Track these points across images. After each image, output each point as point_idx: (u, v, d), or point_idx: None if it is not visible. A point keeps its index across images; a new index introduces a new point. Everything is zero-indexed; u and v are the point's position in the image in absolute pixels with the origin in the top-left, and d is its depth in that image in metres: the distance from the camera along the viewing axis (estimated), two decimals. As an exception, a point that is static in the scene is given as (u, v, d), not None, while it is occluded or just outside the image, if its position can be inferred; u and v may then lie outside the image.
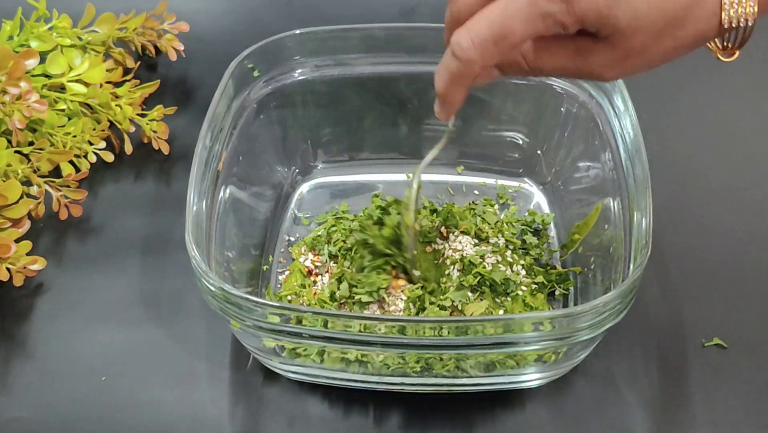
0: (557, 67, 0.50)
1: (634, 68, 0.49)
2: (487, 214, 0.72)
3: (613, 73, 0.49)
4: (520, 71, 0.51)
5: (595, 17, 0.46)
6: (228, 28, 0.90)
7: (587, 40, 0.48)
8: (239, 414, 0.63)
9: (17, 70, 0.69)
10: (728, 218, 0.74)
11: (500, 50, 0.48)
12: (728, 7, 0.46)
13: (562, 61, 0.50)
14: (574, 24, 0.47)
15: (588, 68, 0.49)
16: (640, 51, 0.48)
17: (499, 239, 0.69)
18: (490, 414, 0.62)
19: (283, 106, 0.74)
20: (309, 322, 0.55)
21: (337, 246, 0.69)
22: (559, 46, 0.50)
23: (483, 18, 0.48)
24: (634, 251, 0.58)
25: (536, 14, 0.46)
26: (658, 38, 0.47)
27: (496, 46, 0.48)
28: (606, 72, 0.49)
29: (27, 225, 0.69)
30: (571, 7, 0.46)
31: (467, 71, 0.49)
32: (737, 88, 0.85)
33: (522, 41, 0.48)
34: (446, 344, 0.55)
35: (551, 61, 0.50)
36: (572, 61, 0.49)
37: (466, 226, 0.69)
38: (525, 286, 0.66)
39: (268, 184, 0.74)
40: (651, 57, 0.48)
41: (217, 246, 0.63)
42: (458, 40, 0.48)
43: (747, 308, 0.68)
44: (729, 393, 0.63)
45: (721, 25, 0.47)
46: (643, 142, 0.63)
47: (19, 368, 0.65)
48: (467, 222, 0.69)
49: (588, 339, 0.56)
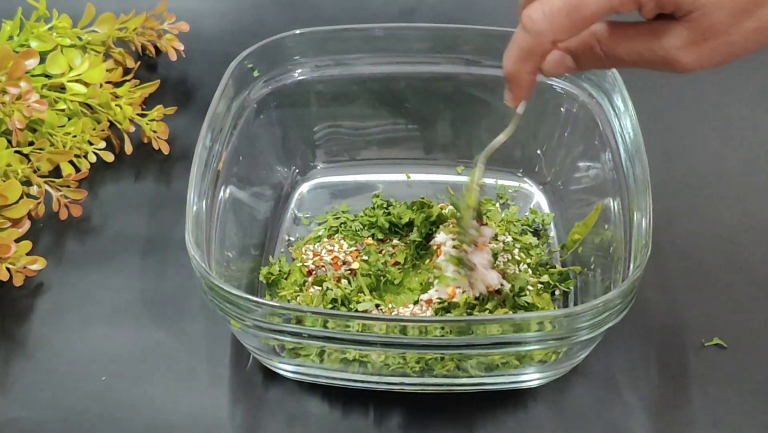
0: (632, 51, 0.48)
1: (713, 53, 0.46)
2: (491, 213, 0.72)
3: (691, 57, 0.46)
4: (595, 59, 0.49)
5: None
6: (228, 28, 0.90)
7: (664, 22, 0.46)
8: (239, 414, 0.63)
9: (17, 70, 0.69)
10: (728, 217, 0.74)
11: (572, 23, 0.46)
12: None
13: (637, 45, 0.47)
14: (650, 1, 0.45)
15: (664, 52, 0.47)
16: (720, 31, 0.45)
17: (507, 237, 0.70)
18: (490, 414, 0.62)
19: (283, 106, 0.74)
20: (309, 322, 0.55)
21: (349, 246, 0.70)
22: (634, 30, 0.48)
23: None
24: (634, 251, 0.58)
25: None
26: (740, 17, 0.45)
27: (569, 18, 0.46)
28: (684, 56, 0.46)
29: (27, 225, 0.69)
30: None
31: (538, 45, 0.47)
32: (737, 88, 0.85)
33: (595, 16, 0.46)
34: (447, 344, 0.55)
35: (626, 45, 0.48)
36: (648, 44, 0.47)
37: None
38: (531, 286, 0.67)
39: (268, 184, 0.74)
40: (732, 40, 0.46)
41: (217, 246, 0.63)
42: (529, 12, 0.47)
43: (747, 308, 0.68)
44: (729, 393, 0.63)
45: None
46: (643, 142, 0.63)
47: (19, 368, 0.65)
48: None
49: (588, 339, 0.56)
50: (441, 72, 0.74)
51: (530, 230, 0.73)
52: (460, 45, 0.73)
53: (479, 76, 0.74)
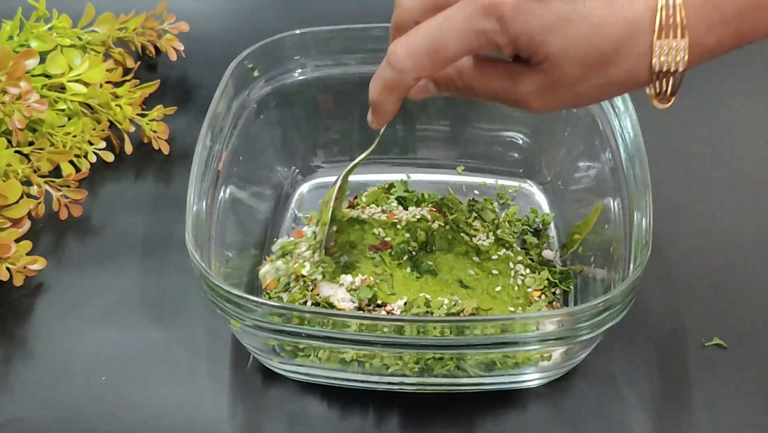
0: (488, 88, 0.50)
1: (562, 101, 0.49)
2: (483, 213, 0.72)
3: (539, 103, 0.49)
4: (454, 89, 0.52)
5: (527, 40, 0.46)
6: (228, 28, 0.90)
7: (520, 66, 0.49)
8: (239, 414, 0.63)
9: (17, 70, 0.69)
10: (728, 217, 0.74)
11: (434, 63, 0.48)
12: (658, 52, 0.46)
13: (492, 84, 0.50)
14: (507, 45, 0.47)
15: (516, 94, 0.49)
16: (569, 83, 0.48)
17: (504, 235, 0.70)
18: (490, 414, 0.62)
19: (283, 106, 0.74)
20: (309, 322, 0.55)
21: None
22: (493, 68, 0.50)
23: (420, 29, 0.48)
24: (634, 251, 0.58)
25: (471, 30, 0.47)
26: (589, 72, 0.47)
27: (430, 59, 0.48)
28: (533, 101, 0.49)
29: (27, 225, 0.69)
30: (505, 27, 0.46)
31: (400, 81, 0.50)
32: (738, 88, 0.85)
33: (455, 57, 0.48)
34: (446, 344, 0.55)
35: (483, 82, 0.50)
36: (502, 84, 0.50)
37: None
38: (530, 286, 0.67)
39: (268, 184, 0.74)
40: (580, 91, 0.48)
41: (217, 246, 0.63)
42: (395, 49, 0.49)
43: (747, 308, 0.68)
44: (729, 393, 0.63)
45: (651, 68, 0.47)
46: (643, 142, 0.63)
47: (19, 368, 0.65)
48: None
49: (588, 339, 0.56)
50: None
51: (530, 230, 0.73)
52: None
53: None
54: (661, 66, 0.46)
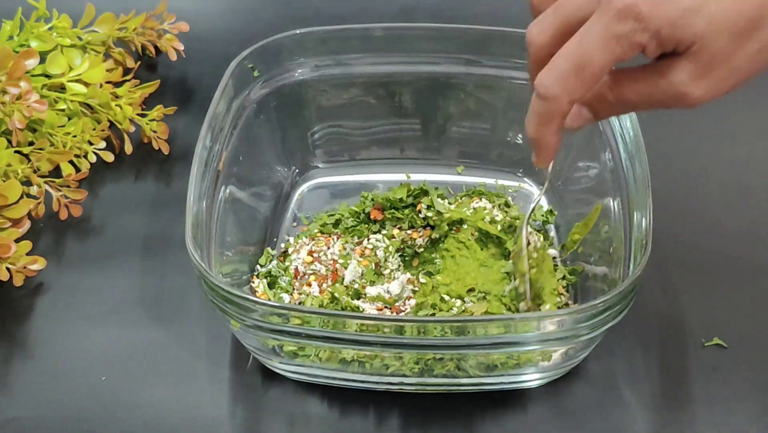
0: (642, 93, 0.49)
1: (720, 81, 0.47)
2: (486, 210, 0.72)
3: (700, 90, 0.47)
4: (609, 106, 0.50)
5: (670, 28, 0.45)
6: (228, 28, 0.90)
7: (668, 59, 0.47)
8: (239, 414, 0.63)
9: (17, 70, 0.69)
10: (728, 217, 0.74)
11: (583, 82, 0.47)
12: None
13: (646, 87, 0.48)
14: (650, 41, 0.46)
15: (673, 89, 0.47)
16: (723, 58, 0.46)
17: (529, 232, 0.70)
18: (490, 414, 0.62)
19: (283, 106, 0.74)
20: (309, 322, 0.55)
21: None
22: (641, 73, 0.49)
23: (561, 54, 0.48)
24: (634, 251, 0.58)
25: (612, 38, 0.46)
26: (740, 41, 0.46)
27: (579, 78, 0.47)
28: (693, 89, 0.47)
29: (27, 225, 0.69)
30: (644, 24, 0.45)
31: (554, 109, 0.49)
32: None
33: (603, 69, 0.47)
34: (446, 344, 0.55)
35: (635, 89, 0.49)
36: (656, 83, 0.48)
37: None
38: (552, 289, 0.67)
39: (268, 184, 0.74)
40: (737, 65, 0.47)
41: (217, 246, 0.63)
42: (541, 80, 0.48)
43: (747, 308, 0.68)
44: (729, 393, 0.63)
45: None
46: (643, 142, 0.63)
47: (19, 368, 0.65)
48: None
49: (588, 339, 0.56)
50: (441, 72, 0.74)
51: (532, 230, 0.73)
52: (460, 45, 0.73)
53: (479, 76, 0.74)
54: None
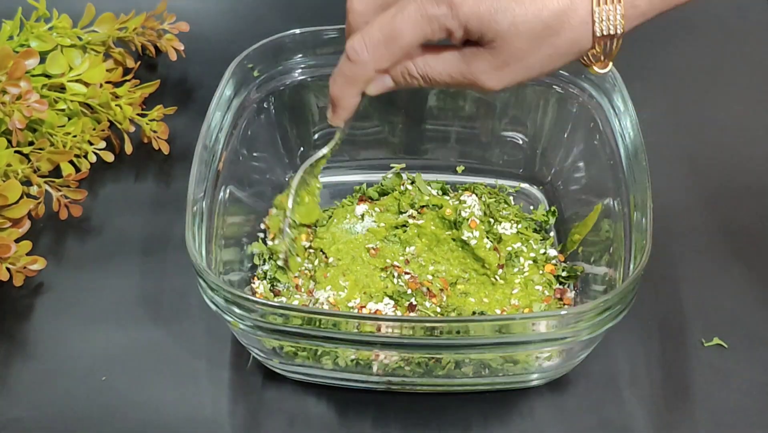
0: (444, 72, 0.53)
1: (514, 75, 0.52)
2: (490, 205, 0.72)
3: (494, 81, 0.53)
4: (411, 78, 0.54)
5: (477, 21, 0.50)
6: (228, 28, 0.90)
7: (472, 48, 0.52)
8: (239, 414, 0.63)
9: (17, 70, 0.69)
10: (728, 217, 0.74)
11: (391, 53, 0.52)
12: (598, 18, 0.50)
13: (448, 67, 0.53)
14: (458, 29, 0.51)
15: (471, 75, 0.53)
16: (519, 57, 0.51)
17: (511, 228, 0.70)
18: (490, 414, 0.62)
19: (283, 106, 0.73)
20: (309, 322, 0.55)
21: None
22: (447, 54, 0.53)
23: (375, 23, 0.52)
24: (634, 251, 0.58)
25: (423, 17, 0.51)
26: (536, 44, 0.51)
27: (387, 49, 0.52)
28: (488, 79, 0.53)
29: (27, 225, 0.69)
30: (455, 11, 0.50)
31: (360, 73, 0.54)
32: (737, 87, 0.85)
33: (410, 45, 0.52)
34: (446, 345, 0.55)
35: (438, 67, 0.53)
36: (457, 67, 0.53)
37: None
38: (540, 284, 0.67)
39: (268, 184, 0.74)
40: (530, 64, 0.52)
41: (217, 246, 0.63)
42: (352, 44, 0.53)
43: (747, 308, 0.68)
44: (729, 393, 0.63)
45: (594, 34, 0.51)
46: (643, 142, 0.63)
47: (19, 368, 0.65)
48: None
49: (588, 339, 0.56)
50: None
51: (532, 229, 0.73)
52: (460, 45, 0.73)
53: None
54: (602, 30, 0.50)
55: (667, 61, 0.86)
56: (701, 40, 0.88)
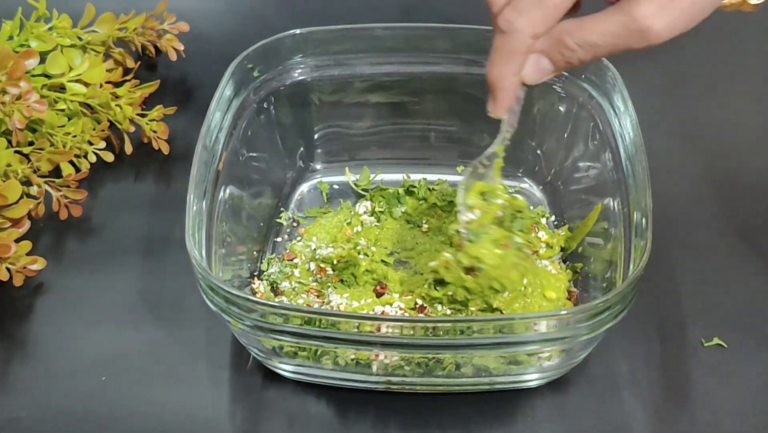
0: (606, 33, 0.49)
1: (681, 14, 0.48)
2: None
3: (661, 22, 0.48)
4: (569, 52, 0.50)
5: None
6: (228, 28, 0.90)
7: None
8: (239, 414, 0.63)
9: (17, 70, 0.69)
10: (728, 217, 0.74)
11: (545, 13, 0.49)
12: None
13: (609, 25, 0.49)
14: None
15: (637, 23, 0.48)
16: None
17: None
18: (490, 414, 0.62)
19: (283, 106, 0.74)
20: (309, 322, 0.55)
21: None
22: (604, 12, 0.49)
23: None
24: (633, 251, 0.58)
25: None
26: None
27: (540, 8, 0.49)
28: (655, 22, 0.48)
29: (27, 225, 0.69)
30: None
31: (518, 44, 0.50)
32: (738, 87, 0.85)
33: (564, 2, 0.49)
34: (446, 344, 0.55)
35: (597, 28, 0.49)
36: (618, 21, 0.49)
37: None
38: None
39: (268, 184, 0.74)
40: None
41: (217, 246, 0.63)
42: (504, 16, 0.50)
43: (747, 308, 0.68)
44: (729, 393, 0.63)
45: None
46: (643, 142, 0.63)
47: (19, 368, 0.65)
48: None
49: (588, 339, 0.56)
50: (441, 72, 0.74)
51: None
52: (460, 45, 0.73)
53: (479, 76, 0.73)
54: None
55: (667, 61, 0.86)
56: (701, 41, 0.88)
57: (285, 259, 0.70)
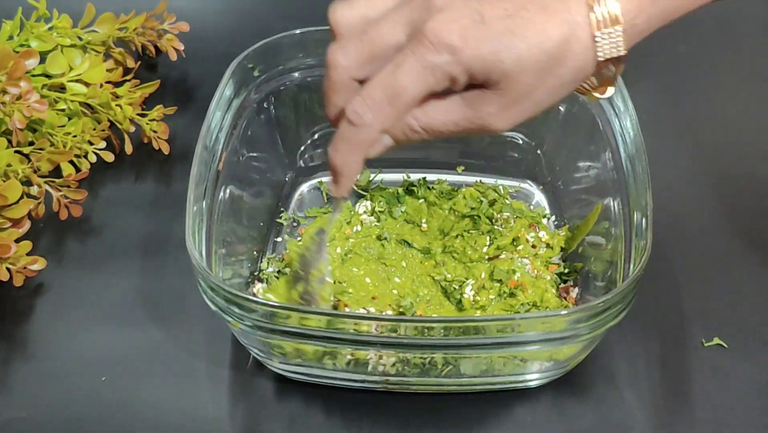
0: (448, 121, 0.50)
1: (523, 112, 0.50)
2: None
3: (503, 121, 0.50)
4: (413, 133, 0.51)
5: (481, 64, 0.48)
6: (228, 28, 0.90)
7: (476, 91, 0.49)
8: (239, 414, 0.63)
9: (17, 70, 0.69)
10: (728, 217, 0.74)
11: (396, 110, 0.49)
12: (600, 42, 0.48)
13: (453, 116, 0.50)
14: (462, 74, 0.48)
15: (479, 119, 0.50)
16: (527, 93, 0.49)
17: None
18: (490, 414, 0.62)
19: (284, 106, 0.74)
20: (309, 322, 0.55)
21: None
22: (449, 101, 0.50)
23: (374, 83, 0.49)
24: (634, 250, 0.58)
25: (426, 69, 0.48)
26: (542, 77, 0.49)
27: (392, 106, 0.49)
28: (497, 121, 0.50)
29: (27, 225, 0.69)
30: (457, 57, 0.47)
31: (365, 137, 0.50)
32: (738, 87, 0.85)
33: (415, 99, 0.49)
34: (446, 344, 0.55)
35: (441, 117, 0.50)
36: (463, 113, 0.50)
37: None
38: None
39: (268, 184, 0.74)
40: (538, 98, 0.50)
41: (217, 246, 0.63)
42: (354, 107, 0.50)
43: (747, 308, 0.68)
44: (729, 393, 0.63)
45: (596, 59, 0.49)
46: (643, 142, 0.63)
47: (19, 368, 0.65)
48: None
49: (588, 339, 0.56)
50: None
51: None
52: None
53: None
54: (605, 54, 0.49)
55: (667, 61, 0.86)
56: (701, 40, 0.88)
57: (285, 259, 0.70)
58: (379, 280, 0.68)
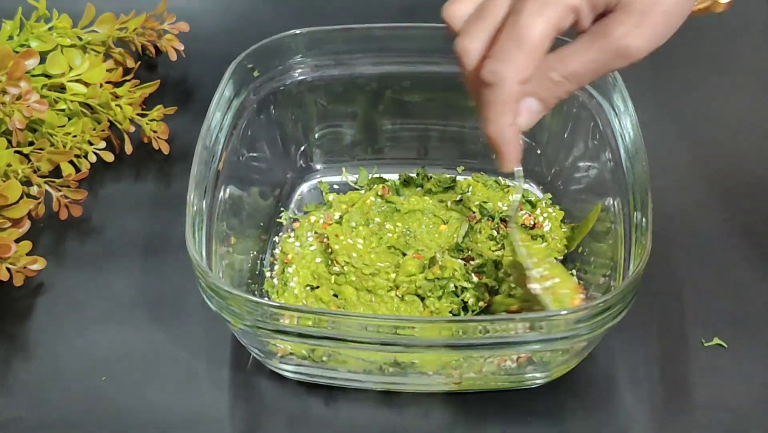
0: (587, 60, 0.50)
1: (656, 26, 0.49)
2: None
3: (639, 38, 0.49)
4: (555, 87, 0.50)
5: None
6: (228, 28, 0.90)
7: (603, 19, 0.49)
8: (239, 414, 0.63)
9: (17, 70, 0.69)
10: (728, 217, 0.74)
11: (528, 55, 0.48)
12: None
13: (590, 52, 0.49)
14: (584, 3, 0.48)
15: (615, 44, 0.49)
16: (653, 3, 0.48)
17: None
18: (491, 414, 0.62)
19: (283, 106, 0.74)
20: (308, 322, 0.55)
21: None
22: (581, 41, 0.50)
23: (500, 38, 0.49)
24: (634, 251, 0.58)
25: (543, 5, 0.48)
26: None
27: (522, 52, 0.48)
28: (633, 40, 0.48)
29: (27, 225, 0.69)
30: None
31: (506, 93, 0.49)
32: (738, 87, 0.85)
33: (543, 39, 0.48)
34: (446, 344, 0.55)
35: (579, 57, 0.50)
36: (598, 46, 0.49)
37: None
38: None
39: (268, 184, 0.74)
40: (666, 8, 0.48)
41: (217, 246, 0.63)
42: (488, 68, 0.49)
43: (747, 308, 0.68)
44: (729, 393, 0.63)
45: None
46: (643, 142, 0.63)
47: (19, 368, 0.65)
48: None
49: (588, 339, 0.56)
50: (441, 72, 0.74)
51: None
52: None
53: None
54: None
55: (667, 61, 0.86)
56: (701, 40, 0.88)
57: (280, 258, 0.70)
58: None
